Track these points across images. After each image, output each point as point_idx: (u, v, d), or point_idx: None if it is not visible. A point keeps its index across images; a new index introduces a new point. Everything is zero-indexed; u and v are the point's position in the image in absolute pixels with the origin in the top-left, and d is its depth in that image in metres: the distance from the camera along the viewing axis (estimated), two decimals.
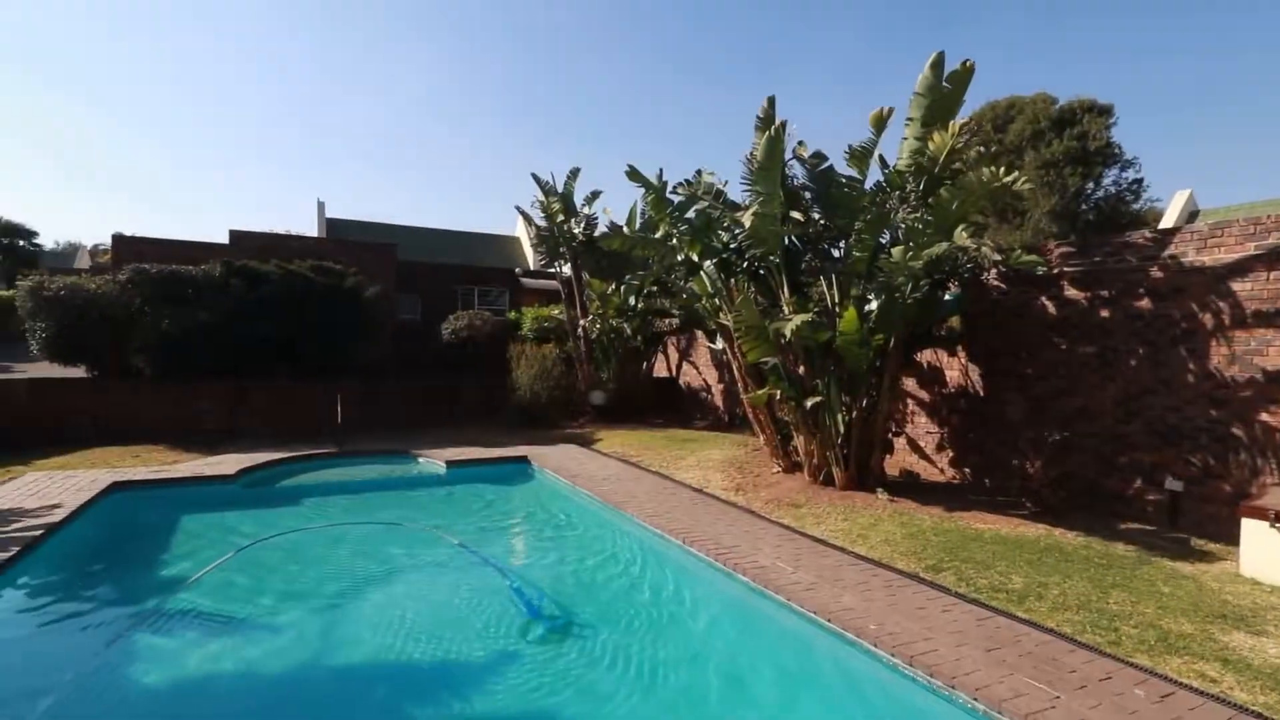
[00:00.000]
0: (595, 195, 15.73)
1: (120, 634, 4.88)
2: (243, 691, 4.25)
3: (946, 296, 8.68)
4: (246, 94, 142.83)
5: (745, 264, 8.92)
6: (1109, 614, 4.68)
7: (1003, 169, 6.48)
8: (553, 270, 16.97)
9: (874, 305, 7.61)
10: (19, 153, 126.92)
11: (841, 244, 8.65)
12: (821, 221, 8.61)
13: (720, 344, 10.68)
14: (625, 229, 14.07)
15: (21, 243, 40.53)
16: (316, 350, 13.54)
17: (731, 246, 9.09)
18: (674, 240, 9.81)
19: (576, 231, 15.41)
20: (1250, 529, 5.42)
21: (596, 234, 15.40)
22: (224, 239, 18.25)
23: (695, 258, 9.51)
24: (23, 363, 19.78)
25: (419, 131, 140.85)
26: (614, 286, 15.15)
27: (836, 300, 8.17)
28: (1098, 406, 7.35)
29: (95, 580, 6.13)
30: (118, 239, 16.94)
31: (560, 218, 15.26)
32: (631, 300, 14.61)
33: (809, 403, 7.99)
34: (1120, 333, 7.18)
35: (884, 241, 8.12)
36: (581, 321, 15.13)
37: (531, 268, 31.57)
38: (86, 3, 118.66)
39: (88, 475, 8.48)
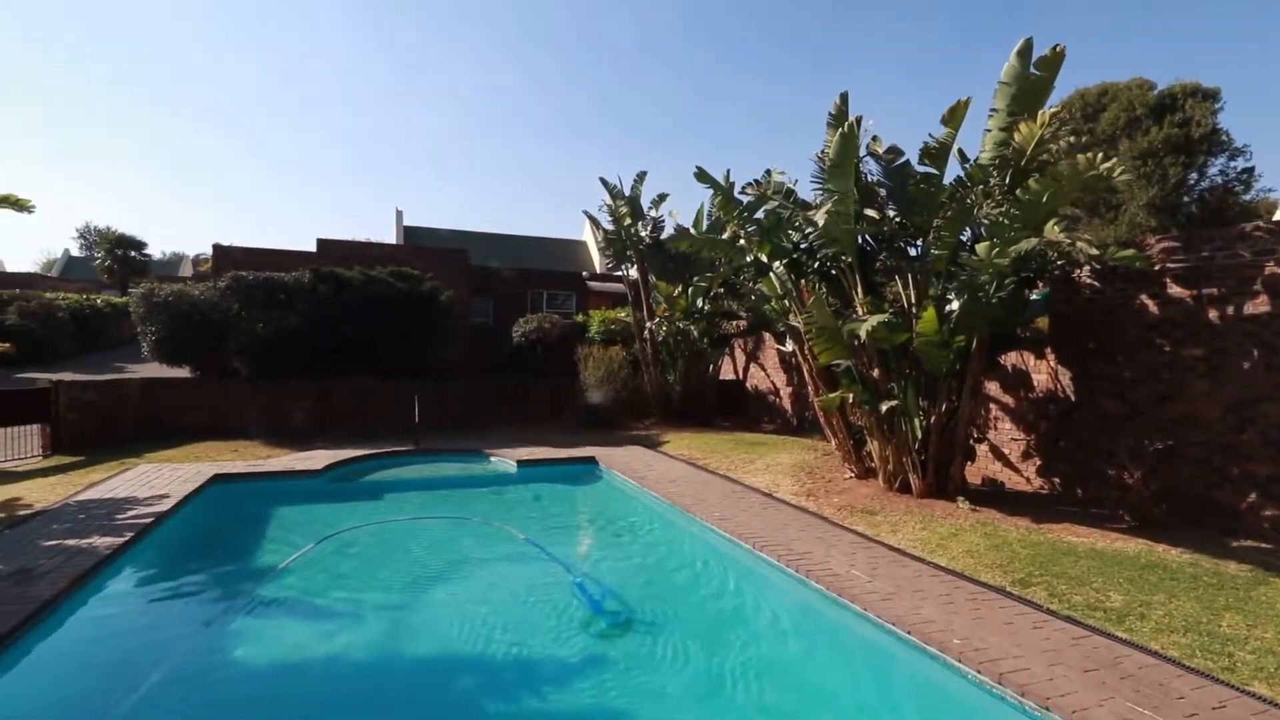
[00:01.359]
0: (662, 198, 15.76)
1: (218, 616, 5.24)
2: (333, 677, 4.47)
3: (1033, 296, 8.22)
4: (332, 109, 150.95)
5: (816, 264, 8.73)
6: (1221, 637, 4.30)
7: (1099, 156, 6.08)
8: (619, 273, 17.10)
9: (955, 305, 7.29)
10: (129, 167, 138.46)
11: (919, 242, 8.34)
12: (897, 219, 8.32)
13: (790, 346, 10.50)
14: (692, 230, 14.04)
15: (133, 253, 44.12)
16: (395, 352, 14.12)
17: (802, 246, 8.90)
18: (742, 241, 9.71)
19: (643, 234, 15.47)
20: None
21: (663, 236, 15.43)
22: (312, 247, 19.31)
23: (764, 258, 9.37)
24: (135, 364, 21.53)
25: (490, 140, 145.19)
26: (680, 289, 15.12)
27: (914, 300, 7.88)
28: (1206, 413, 6.79)
29: (197, 565, 6.59)
30: (217, 248, 18.18)
31: (627, 221, 15.36)
32: (699, 302, 14.54)
33: (884, 407, 7.73)
34: (1232, 334, 6.61)
35: (965, 239, 7.78)
36: (648, 324, 15.17)
37: (598, 271, 31.96)
38: (192, 20, 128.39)
39: (192, 468, 9.13)
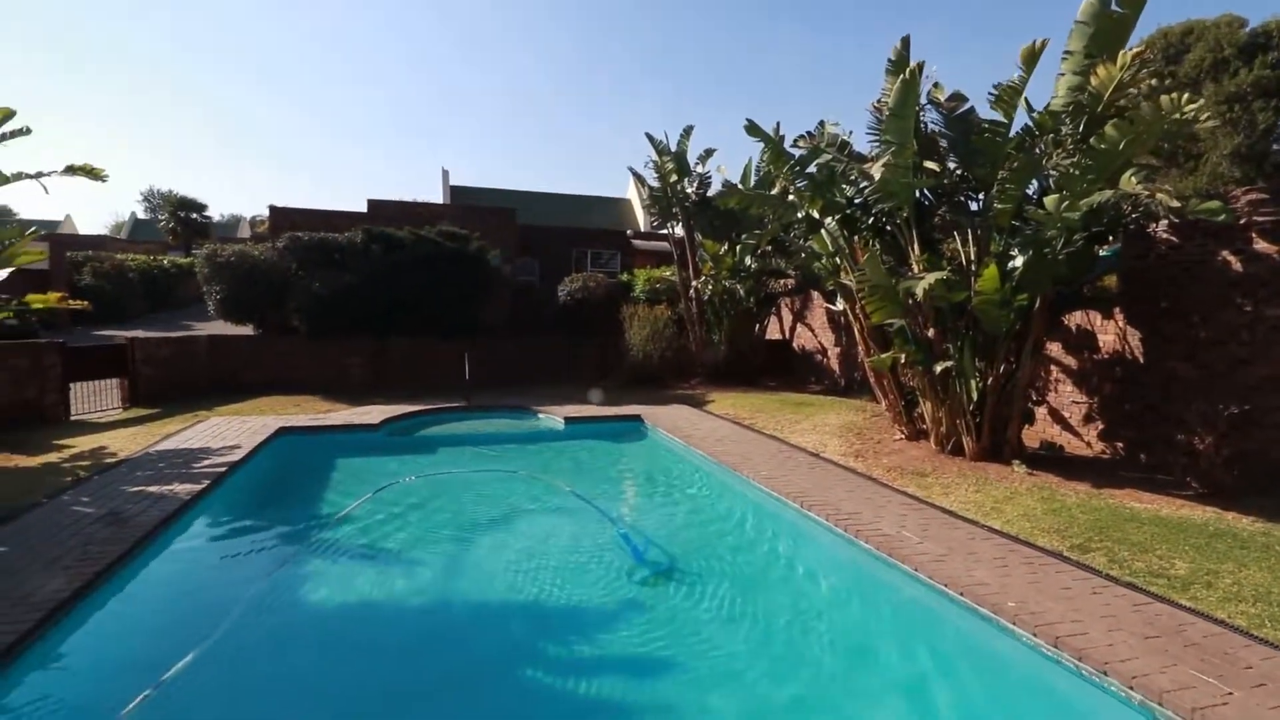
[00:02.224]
0: (709, 153, 15.41)
1: (288, 558, 5.57)
2: (389, 618, 4.72)
3: (1102, 252, 7.80)
4: (381, 68, 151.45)
5: (871, 220, 8.45)
6: None
7: (1183, 98, 5.65)
8: (664, 231, 16.92)
9: (1018, 262, 6.98)
10: (188, 130, 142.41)
11: (980, 196, 7.97)
12: (958, 171, 7.95)
13: (840, 305, 10.28)
14: (740, 186, 13.73)
15: (194, 215, 45.74)
16: (444, 310, 14.40)
17: (856, 201, 8.61)
18: (792, 196, 9.45)
19: (689, 191, 15.22)
20: None
21: (710, 193, 15.14)
22: (362, 207, 19.63)
23: (816, 214, 9.12)
24: (200, 321, 22.53)
25: (534, 98, 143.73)
26: (727, 247, 14.89)
27: (973, 257, 7.58)
28: None
29: (267, 510, 6.98)
30: (274, 210, 18.64)
31: (673, 177, 15.10)
32: (746, 260, 14.30)
33: (938, 367, 7.54)
34: None
35: (1030, 192, 7.40)
36: (694, 283, 15.03)
37: (642, 229, 31.69)
38: None
39: (259, 421, 9.59)
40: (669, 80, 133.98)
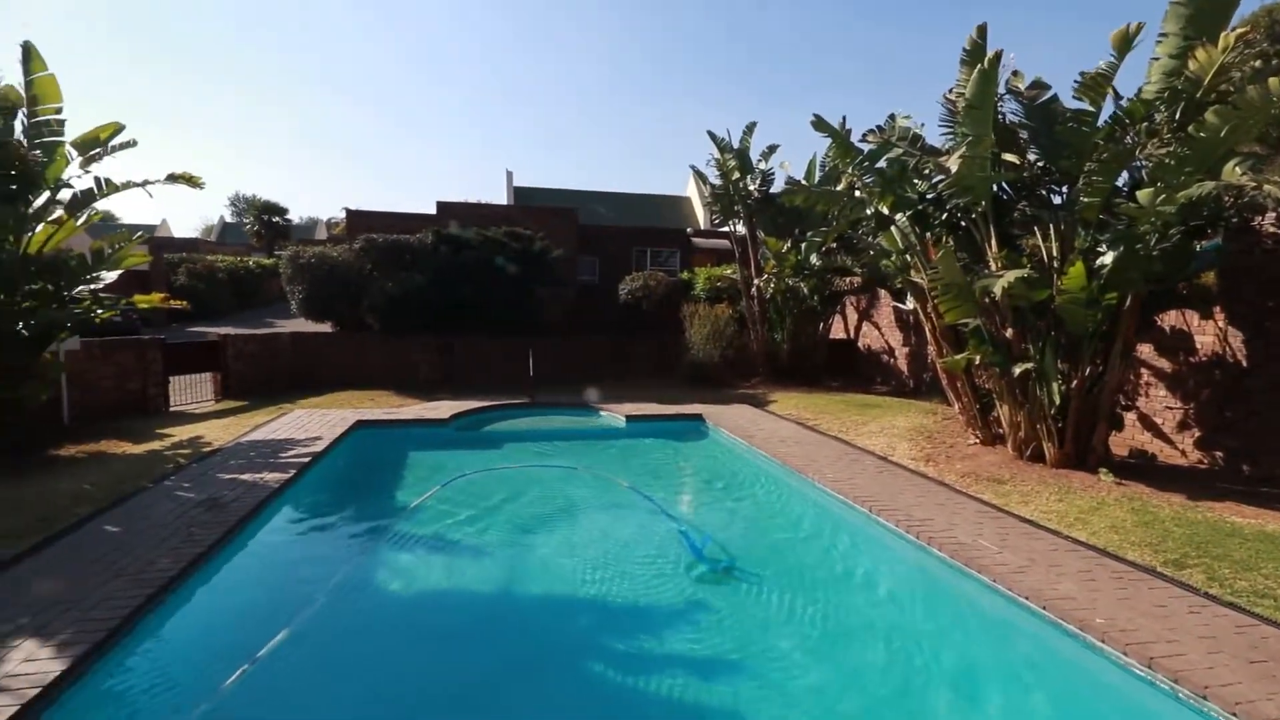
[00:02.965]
0: (772, 150, 15.20)
1: (367, 545, 5.85)
2: (464, 605, 4.90)
3: (1201, 247, 7.29)
4: (450, 71, 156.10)
5: (945, 215, 8.16)
6: None
7: None
8: (725, 229, 16.79)
9: (1107, 259, 6.61)
10: (271, 136, 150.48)
11: (1064, 189, 7.58)
12: (1040, 164, 7.59)
13: (910, 304, 9.97)
14: (804, 182, 13.49)
15: (276, 219, 48.37)
16: (508, 309, 14.74)
17: (929, 197, 8.33)
18: (859, 192, 9.22)
19: (752, 188, 15.06)
20: None
21: (773, 190, 14.93)
22: (430, 206, 20.31)
23: (885, 210, 8.87)
24: (282, 319, 23.80)
25: (596, 99, 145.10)
26: (790, 244, 14.65)
27: (1056, 254, 7.22)
28: None
29: (346, 500, 7.35)
30: (350, 213, 19.51)
31: (735, 175, 14.97)
32: (811, 258, 14.04)
33: (1017, 369, 7.23)
34: None
35: (1120, 185, 6.99)
36: (755, 281, 14.87)
37: (702, 227, 31.53)
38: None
39: (338, 414, 10.07)
40: (730, 78, 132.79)
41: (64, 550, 4.79)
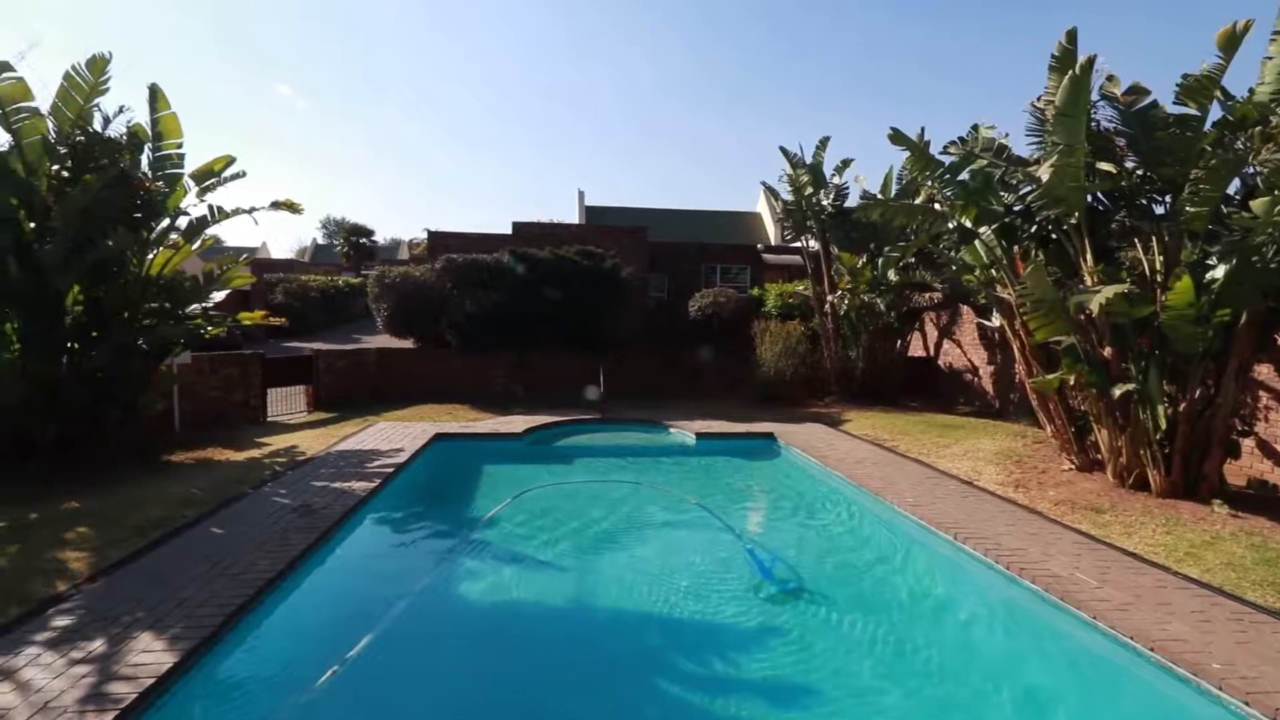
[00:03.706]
0: (846, 164, 14.93)
1: (445, 554, 6.04)
2: (537, 617, 4.98)
3: None
4: (521, 95, 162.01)
5: (1034, 228, 7.79)
6: None
7: None
8: (797, 245, 16.55)
9: (1218, 272, 6.12)
10: (358, 161, 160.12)
11: (1167, 199, 7.10)
12: (1139, 172, 7.14)
13: (996, 321, 9.53)
14: (880, 196, 13.16)
15: (363, 240, 51.17)
16: (580, 326, 15.00)
17: (1016, 209, 7.98)
18: (938, 205, 8.92)
19: (825, 203, 14.81)
20: None
21: (847, 204, 14.64)
22: (506, 227, 21.02)
23: (969, 224, 8.53)
24: (367, 335, 25.07)
25: (665, 118, 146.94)
26: (865, 259, 14.29)
27: (1159, 267, 6.75)
28: None
29: (426, 509, 7.61)
30: (432, 234, 20.41)
31: (808, 190, 14.77)
32: (888, 274, 13.64)
33: (1117, 391, 6.77)
34: None
35: (1231, 193, 6.49)
36: (829, 297, 14.56)
37: (772, 243, 31.21)
38: (401, 15, 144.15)
39: (419, 426, 10.49)
40: (792, 93, 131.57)
41: (176, 549, 5.18)
